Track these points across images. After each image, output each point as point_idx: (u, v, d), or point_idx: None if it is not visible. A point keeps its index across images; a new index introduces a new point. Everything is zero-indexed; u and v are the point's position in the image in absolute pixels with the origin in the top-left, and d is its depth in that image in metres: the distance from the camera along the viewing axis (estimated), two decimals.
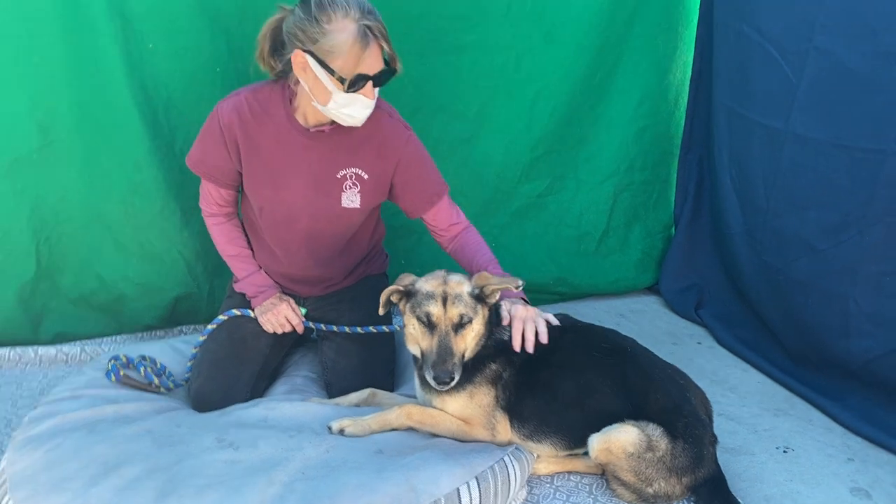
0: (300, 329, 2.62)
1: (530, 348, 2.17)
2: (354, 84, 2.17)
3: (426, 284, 2.17)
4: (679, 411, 2.11)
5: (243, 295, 2.67)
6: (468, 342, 2.16)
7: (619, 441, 2.05)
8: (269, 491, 1.87)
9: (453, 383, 2.10)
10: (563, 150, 3.51)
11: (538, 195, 3.56)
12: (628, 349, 2.25)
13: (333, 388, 2.59)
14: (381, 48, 2.19)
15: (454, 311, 2.11)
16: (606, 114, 3.51)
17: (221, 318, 2.60)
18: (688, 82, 3.64)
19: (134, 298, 3.15)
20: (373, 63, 2.17)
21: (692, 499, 2.14)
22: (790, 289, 2.94)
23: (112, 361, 2.49)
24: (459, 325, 2.13)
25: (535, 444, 2.22)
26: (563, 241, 3.67)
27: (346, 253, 2.65)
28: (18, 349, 3.02)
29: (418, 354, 2.22)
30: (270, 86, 2.41)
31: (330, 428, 2.19)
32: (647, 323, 3.59)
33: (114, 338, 3.17)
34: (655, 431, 2.05)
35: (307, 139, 2.38)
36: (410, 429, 2.23)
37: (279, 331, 2.59)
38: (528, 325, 2.20)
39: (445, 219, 2.56)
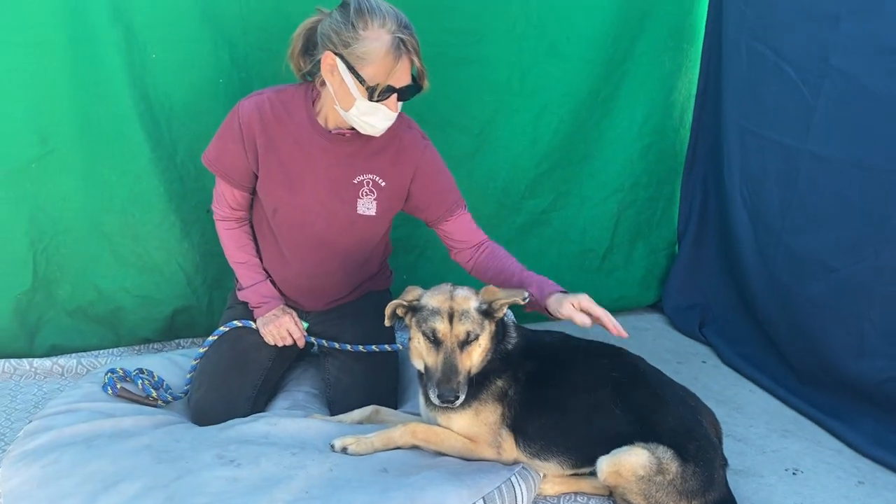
0: (301, 343, 2.58)
1: (622, 331, 2.13)
2: (380, 94, 2.18)
3: (432, 299, 2.13)
4: (690, 434, 2.07)
5: (245, 305, 2.63)
6: (474, 359, 2.12)
7: (629, 463, 2.01)
8: None
9: (458, 402, 2.07)
10: (568, 166, 3.50)
11: (542, 211, 3.54)
12: (638, 368, 2.22)
13: (336, 405, 2.55)
14: (412, 63, 2.21)
15: (461, 328, 2.07)
16: (611, 130, 3.50)
17: (223, 329, 2.56)
18: (693, 99, 3.63)
19: (132, 310, 3.11)
20: (401, 76, 2.20)
21: None
22: (803, 308, 2.92)
23: (109, 374, 2.45)
24: (465, 342, 2.09)
25: (542, 462, 2.18)
26: (566, 257, 3.65)
27: (359, 271, 2.63)
28: (13, 361, 2.96)
29: (423, 370, 2.19)
30: (294, 87, 2.42)
31: (333, 446, 2.14)
32: (650, 341, 3.56)
33: (111, 350, 3.12)
34: (666, 454, 2.02)
35: (326, 141, 2.37)
36: (415, 447, 2.19)
37: (280, 343, 2.55)
38: (603, 311, 2.15)
39: (465, 231, 2.52)
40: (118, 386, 2.41)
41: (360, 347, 2.57)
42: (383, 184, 2.43)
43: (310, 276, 2.57)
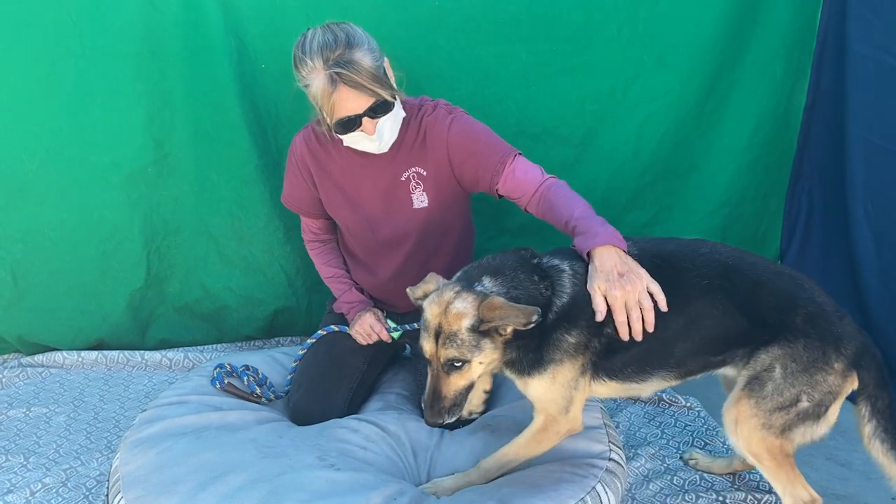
0: (384, 336, 2.59)
1: (638, 337, 1.90)
2: (338, 129, 2.23)
3: (430, 307, 1.92)
4: (794, 303, 1.93)
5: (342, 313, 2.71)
6: (472, 376, 1.92)
7: (744, 431, 1.93)
8: None
9: (449, 420, 1.94)
10: (672, 178, 3.39)
11: (644, 224, 3.44)
12: (728, 263, 2.00)
13: None
14: (357, 89, 2.13)
15: (444, 354, 1.87)
16: (719, 141, 3.37)
17: (321, 332, 2.64)
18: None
19: (235, 309, 3.24)
20: (351, 105, 2.16)
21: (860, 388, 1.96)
22: None
23: (217, 369, 2.55)
24: (453, 367, 1.89)
25: (640, 384, 2.05)
26: None
27: (438, 254, 2.60)
28: (126, 353, 3.16)
29: None
30: None
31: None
32: None
33: (214, 346, 3.28)
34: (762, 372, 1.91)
35: (360, 157, 2.41)
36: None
37: (366, 341, 2.60)
38: (633, 313, 1.88)
39: (520, 180, 2.30)
40: (226, 381, 2.51)
41: None
42: (425, 172, 2.42)
43: (393, 279, 2.62)
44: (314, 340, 2.64)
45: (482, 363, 1.90)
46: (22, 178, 2.92)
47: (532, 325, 1.80)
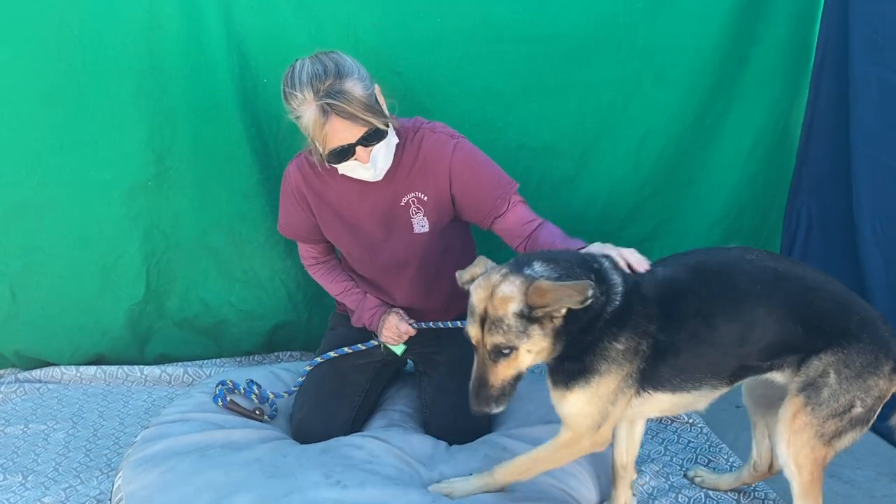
0: (411, 331, 2.59)
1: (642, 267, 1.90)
2: (332, 159, 2.22)
3: (476, 290, 1.81)
4: (849, 309, 1.92)
5: (347, 326, 2.71)
6: (520, 365, 1.83)
7: (799, 440, 1.89)
8: None
9: (494, 411, 1.86)
10: (672, 193, 3.41)
11: (643, 238, 3.44)
12: (779, 270, 1.96)
13: (431, 425, 2.57)
14: (350, 119, 2.12)
15: (490, 340, 1.78)
16: (718, 156, 3.39)
17: (319, 360, 2.64)
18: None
19: (235, 324, 3.23)
20: (344, 135, 2.15)
21: None
22: None
23: (219, 386, 2.54)
24: (500, 354, 1.80)
25: (691, 393, 1.97)
26: None
27: (440, 276, 2.58)
28: (126, 368, 3.14)
29: None
30: None
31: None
32: None
33: (214, 361, 3.26)
34: (816, 378, 1.88)
35: (357, 183, 2.39)
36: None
37: (400, 342, 2.60)
38: (632, 256, 1.93)
39: (519, 219, 2.35)
40: (228, 398, 2.50)
41: (459, 323, 2.53)
42: (425, 198, 2.42)
43: (402, 299, 2.62)
44: (322, 361, 2.63)
45: (530, 351, 1.80)
46: (21, 192, 2.91)
47: (589, 300, 1.70)
